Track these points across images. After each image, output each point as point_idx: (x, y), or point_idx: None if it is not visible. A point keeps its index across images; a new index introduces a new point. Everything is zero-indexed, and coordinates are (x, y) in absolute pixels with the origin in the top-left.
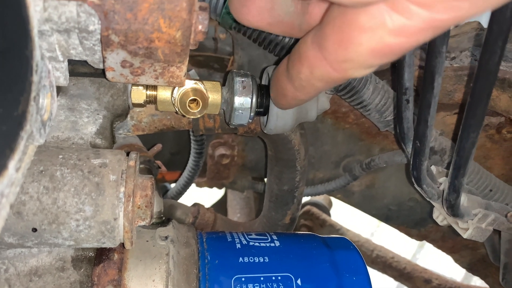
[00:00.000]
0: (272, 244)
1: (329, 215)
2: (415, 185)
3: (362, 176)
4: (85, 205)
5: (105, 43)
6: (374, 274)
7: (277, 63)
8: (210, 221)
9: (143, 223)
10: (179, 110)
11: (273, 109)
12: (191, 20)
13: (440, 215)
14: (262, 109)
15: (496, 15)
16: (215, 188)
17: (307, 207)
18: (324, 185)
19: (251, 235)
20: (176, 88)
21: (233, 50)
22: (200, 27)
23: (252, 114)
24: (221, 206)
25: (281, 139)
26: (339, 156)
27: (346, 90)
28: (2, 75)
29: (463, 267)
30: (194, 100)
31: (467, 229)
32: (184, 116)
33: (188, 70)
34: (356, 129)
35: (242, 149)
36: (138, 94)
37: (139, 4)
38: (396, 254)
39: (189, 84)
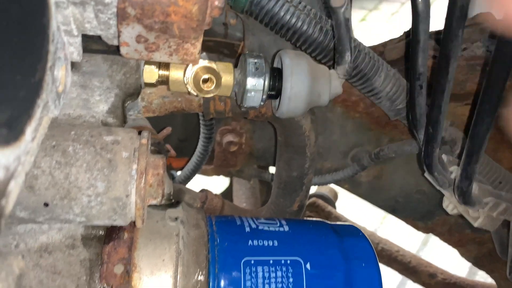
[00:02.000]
0: (281, 229)
1: (334, 207)
2: (426, 173)
3: (370, 166)
4: (97, 181)
5: (121, 16)
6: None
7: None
8: (218, 207)
9: (154, 202)
10: (192, 88)
11: (286, 92)
12: None
13: (450, 204)
14: (274, 92)
15: None
16: (221, 178)
17: (313, 199)
18: (331, 175)
19: (260, 219)
20: (189, 67)
21: (243, 36)
22: (216, 2)
23: (264, 96)
24: (226, 196)
25: (292, 124)
26: (348, 146)
27: (358, 77)
28: (20, 43)
29: (469, 261)
30: (207, 79)
31: (478, 218)
32: (197, 96)
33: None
34: (365, 119)
35: (250, 137)
36: (151, 74)
37: None
38: (401, 248)
39: (203, 62)
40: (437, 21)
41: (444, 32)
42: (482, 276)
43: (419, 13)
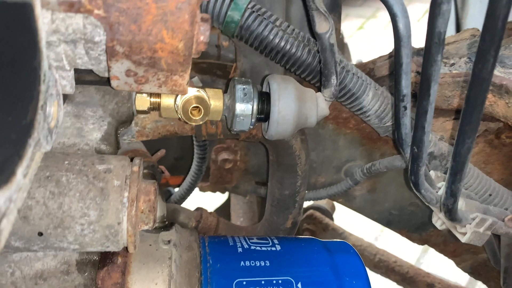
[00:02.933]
0: (273, 248)
1: (332, 219)
2: (414, 190)
3: (363, 180)
4: (89, 210)
5: (110, 53)
6: (377, 279)
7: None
8: (213, 225)
9: (146, 227)
10: (181, 117)
11: (274, 116)
12: (193, 31)
13: (439, 220)
14: (263, 115)
15: (487, 25)
16: (218, 193)
17: (310, 211)
18: (326, 190)
19: (253, 239)
20: (179, 95)
21: (235, 57)
22: (202, 37)
23: (253, 120)
24: (224, 210)
25: (282, 144)
26: (341, 161)
27: (346, 97)
28: (12, 85)
29: (465, 271)
30: (196, 107)
31: (465, 234)
32: (186, 123)
33: (192, 77)
34: (357, 134)
35: (245, 153)
36: (142, 101)
37: (143, 16)
38: (398, 258)
39: (192, 91)
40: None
41: (424, 58)
42: (481, 286)
43: (401, 38)
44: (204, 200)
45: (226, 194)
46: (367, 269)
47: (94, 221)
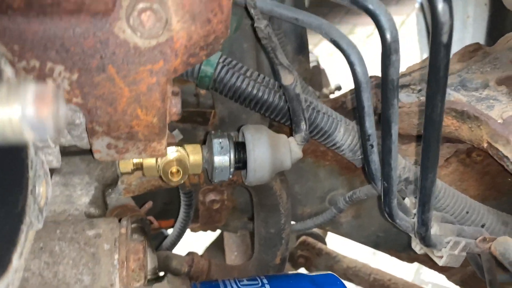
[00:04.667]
0: None
1: (324, 243)
2: (389, 220)
3: (347, 207)
4: (83, 275)
5: (91, 132)
6: None
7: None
8: (205, 269)
9: (138, 285)
10: (162, 177)
11: (250, 165)
12: (165, 106)
13: (417, 245)
14: (240, 164)
15: (431, 74)
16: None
17: (303, 237)
18: (312, 220)
19: (243, 281)
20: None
21: (213, 104)
22: (174, 109)
23: (231, 170)
24: (218, 244)
25: (262, 187)
26: (324, 191)
27: (319, 135)
28: (2, 179)
29: (456, 284)
30: (176, 169)
31: (442, 257)
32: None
33: (172, 130)
34: (335, 165)
35: (231, 192)
36: (126, 164)
37: (117, 99)
38: (393, 276)
39: (172, 154)
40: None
41: (382, 102)
42: None
43: (360, 84)
44: (199, 234)
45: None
46: None
47: (88, 285)
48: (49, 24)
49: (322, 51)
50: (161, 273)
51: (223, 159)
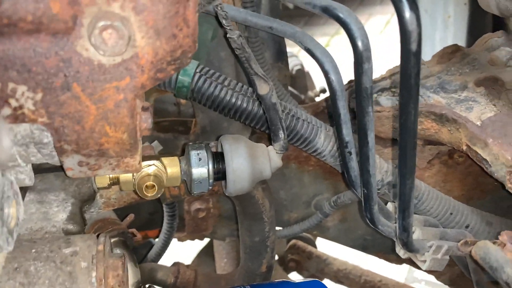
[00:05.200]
0: None
1: (314, 246)
2: (371, 226)
3: (333, 212)
4: None
5: (59, 151)
6: None
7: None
8: (191, 279)
9: None
10: (137, 191)
11: (229, 176)
12: (134, 122)
13: (401, 250)
14: (219, 175)
15: (403, 83)
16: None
17: (293, 241)
18: (299, 225)
19: None
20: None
21: (194, 114)
22: (144, 125)
23: (211, 181)
24: (208, 251)
25: (244, 196)
26: (309, 196)
27: (300, 142)
28: None
29: (445, 283)
30: (151, 185)
31: (425, 261)
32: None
33: (152, 141)
34: (319, 170)
35: (217, 200)
36: (102, 179)
37: (84, 117)
38: (383, 277)
39: (148, 168)
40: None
41: (357, 111)
42: None
43: (335, 92)
44: (189, 242)
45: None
46: None
47: None
48: (8, 44)
49: (307, 54)
50: (147, 286)
51: (201, 171)
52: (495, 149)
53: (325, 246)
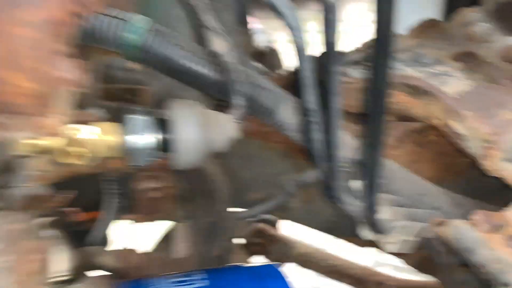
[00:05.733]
0: (201, 285)
1: (279, 229)
2: (335, 204)
3: (298, 191)
4: None
5: None
6: (332, 284)
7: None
8: (141, 264)
9: None
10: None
11: (178, 145)
12: (49, 70)
13: (367, 231)
14: (166, 145)
15: (376, 42)
16: None
17: (256, 224)
18: (261, 206)
19: (179, 277)
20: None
21: (147, 80)
22: (67, 76)
23: (155, 152)
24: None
25: (195, 171)
26: (273, 175)
27: (261, 113)
28: None
29: (414, 267)
30: (73, 150)
31: (395, 243)
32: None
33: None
34: (284, 147)
35: (173, 178)
36: (18, 145)
37: None
38: (349, 261)
39: (76, 132)
40: None
41: (319, 70)
42: None
43: (300, 49)
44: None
45: None
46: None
47: None
48: None
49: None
50: (88, 272)
51: (142, 139)
52: (471, 122)
53: (293, 229)
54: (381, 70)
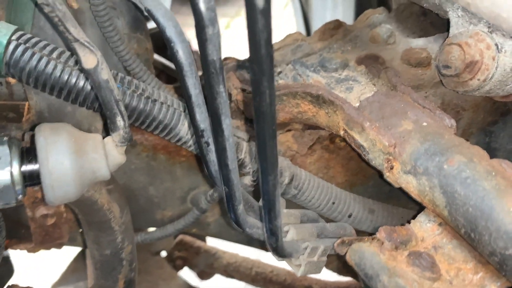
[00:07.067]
0: None
1: (204, 240)
2: (238, 229)
3: (212, 206)
4: None
5: None
6: None
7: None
8: None
9: None
10: None
11: (45, 180)
12: None
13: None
14: (33, 179)
15: (252, 52)
16: None
17: (180, 237)
18: (173, 225)
19: None
20: None
21: (26, 95)
22: None
23: (18, 188)
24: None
25: (83, 202)
26: (184, 191)
27: (159, 129)
28: None
29: (334, 271)
30: None
31: (300, 265)
32: None
33: None
34: (193, 161)
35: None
36: None
37: None
38: (275, 267)
39: None
40: None
41: (207, 92)
42: None
43: (182, 67)
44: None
45: None
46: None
47: None
48: None
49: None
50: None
51: (1, 174)
52: (372, 134)
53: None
54: (263, 74)
